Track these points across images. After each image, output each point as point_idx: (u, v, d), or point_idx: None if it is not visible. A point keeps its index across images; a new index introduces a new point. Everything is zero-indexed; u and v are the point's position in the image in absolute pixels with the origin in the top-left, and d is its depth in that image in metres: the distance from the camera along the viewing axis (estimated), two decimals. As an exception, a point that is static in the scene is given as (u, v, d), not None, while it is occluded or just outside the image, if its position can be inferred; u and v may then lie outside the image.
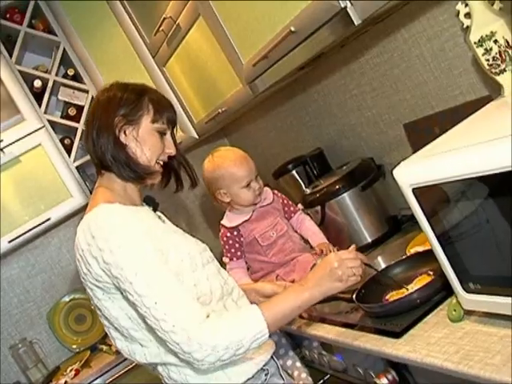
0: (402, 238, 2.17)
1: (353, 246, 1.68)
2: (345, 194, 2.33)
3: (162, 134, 1.64)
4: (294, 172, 2.80)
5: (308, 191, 2.55)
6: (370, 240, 2.33)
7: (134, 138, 1.60)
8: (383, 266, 2.04)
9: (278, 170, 2.89)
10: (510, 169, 1.00)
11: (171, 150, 1.67)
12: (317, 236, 2.32)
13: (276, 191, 2.38)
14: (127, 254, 1.44)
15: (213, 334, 1.39)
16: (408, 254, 1.87)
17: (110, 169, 1.61)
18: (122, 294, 1.49)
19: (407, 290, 1.62)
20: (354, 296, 1.71)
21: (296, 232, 2.34)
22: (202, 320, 1.41)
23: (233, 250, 2.28)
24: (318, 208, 2.39)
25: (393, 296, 1.65)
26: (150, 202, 1.77)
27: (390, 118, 2.29)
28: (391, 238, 2.30)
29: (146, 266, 1.44)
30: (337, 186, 2.35)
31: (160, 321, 1.40)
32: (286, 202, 2.38)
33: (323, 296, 1.56)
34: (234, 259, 2.28)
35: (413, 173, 1.24)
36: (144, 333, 1.54)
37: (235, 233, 2.27)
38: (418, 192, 1.25)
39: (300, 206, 2.42)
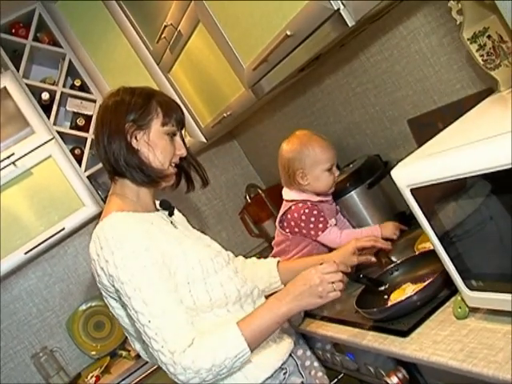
0: (411, 234, 2.17)
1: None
2: (352, 192, 2.33)
3: (171, 136, 1.66)
4: (302, 171, 2.81)
5: (317, 190, 2.55)
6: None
7: (145, 142, 1.62)
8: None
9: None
10: (509, 166, 1.00)
11: (182, 151, 1.68)
12: (362, 231, 2.22)
13: None
14: (129, 270, 1.47)
15: (196, 359, 1.42)
16: (410, 255, 1.87)
17: (124, 175, 1.63)
18: None
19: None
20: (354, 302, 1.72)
21: None
22: (186, 346, 1.43)
23: (323, 220, 2.18)
24: (327, 207, 2.39)
25: (396, 295, 1.66)
26: (166, 205, 1.78)
27: (394, 114, 2.29)
28: (400, 234, 2.30)
29: (145, 283, 1.46)
30: (346, 184, 2.35)
31: (151, 339, 1.45)
32: None
33: (301, 310, 1.59)
34: (329, 226, 2.18)
35: (410, 173, 1.24)
36: None
37: (317, 206, 2.19)
38: (417, 192, 1.25)
39: (337, 207, 2.37)
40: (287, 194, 2.26)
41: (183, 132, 1.72)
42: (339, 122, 2.68)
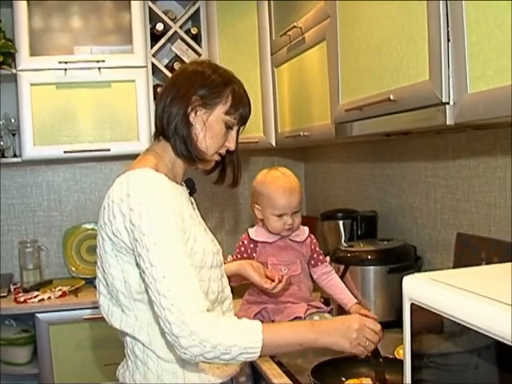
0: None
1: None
2: (371, 267, 2.30)
3: (228, 127, 1.65)
4: (340, 222, 2.79)
5: (344, 245, 2.53)
6: (372, 320, 2.29)
7: (202, 120, 1.61)
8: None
9: (328, 213, 2.88)
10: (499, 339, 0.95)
11: (231, 145, 1.67)
12: (347, 295, 2.25)
13: (312, 236, 2.33)
14: (154, 223, 1.44)
15: (208, 327, 1.37)
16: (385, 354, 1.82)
17: (169, 139, 1.63)
18: (134, 257, 1.49)
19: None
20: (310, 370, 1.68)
21: (312, 280, 2.31)
22: (200, 310, 1.39)
23: (239, 256, 2.29)
24: (342, 267, 2.36)
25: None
26: (190, 185, 1.78)
27: (449, 220, 2.24)
28: (393, 329, 2.23)
29: (167, 239, 1.44)
30: (368, 257, 2.33)
31: (161, 296, 1.39)
32: (317, 249, 2.32)
33: (326, 346, 1.51)
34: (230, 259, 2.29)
35: (417, 289, 1.22)
36: (130, 301, 1.54)
37: (252, 246, 2.27)
38: (416, 309, 1.22)
39: (328, 258, 2.38)
40: (253, 231, 2.30)
41: (241, 129, 1.71)
42: (399, 197, 2.63)
